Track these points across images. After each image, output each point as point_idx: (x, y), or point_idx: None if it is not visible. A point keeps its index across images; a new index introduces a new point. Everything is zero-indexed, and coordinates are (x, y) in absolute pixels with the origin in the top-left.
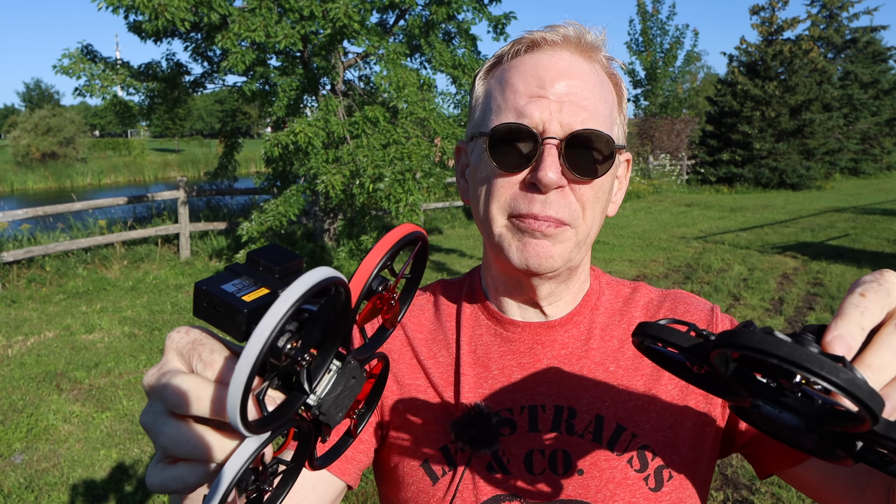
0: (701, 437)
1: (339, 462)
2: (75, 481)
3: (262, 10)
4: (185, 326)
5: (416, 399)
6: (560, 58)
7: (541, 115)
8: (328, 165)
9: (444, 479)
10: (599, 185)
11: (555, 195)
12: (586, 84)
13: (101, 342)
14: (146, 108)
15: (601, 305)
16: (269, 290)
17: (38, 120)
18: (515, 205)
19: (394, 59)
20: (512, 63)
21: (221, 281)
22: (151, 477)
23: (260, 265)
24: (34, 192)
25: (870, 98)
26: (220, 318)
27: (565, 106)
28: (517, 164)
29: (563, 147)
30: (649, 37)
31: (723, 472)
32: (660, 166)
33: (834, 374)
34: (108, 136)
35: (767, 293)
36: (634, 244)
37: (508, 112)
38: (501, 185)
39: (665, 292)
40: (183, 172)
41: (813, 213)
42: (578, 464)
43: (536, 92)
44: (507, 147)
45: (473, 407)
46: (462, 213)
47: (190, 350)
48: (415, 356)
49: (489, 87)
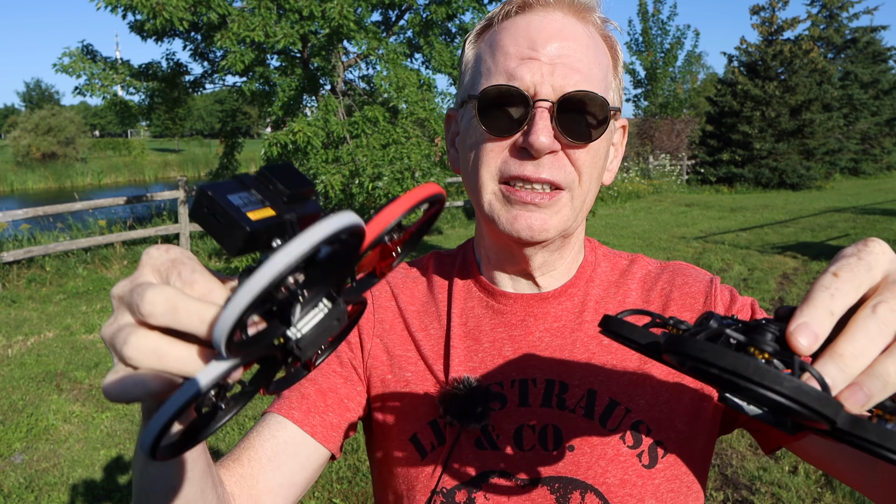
0: (698, 412)
1: (324, 430)
2: (75, 481)
3: (262, 10)
4: (163, 244)
5: (405, 371)
6: (552, 18)
7: (532, 78)
8: (327, 165)
9: (432, 454)
10: (595, 149)
11: (548, 158)
12: (579, 45)
13: (100, 342)
14: (146, 107)
15: (596, 277)
16: (275, 213)
17: (38, 120)
18: (506, 168)
19: (394, 59)
20: (503, 25)
21: (228, 189)
22: (110, 385)
23: (271, 183)
24: (34, 192)
25: (870, 98)
26: (218, 227)
27: (557, 68)
28: (508, 128)
29: (555, 110)
30: (650, 37)
31: (723, 472)
32: (660, 166)
33: (777, 383)
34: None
35: (767, 293)
36: (634, 244)
37: (499, 75)
38: (491, 149)
39: (664, 264)
40: (183, 172)
41: (813, 213)
42: (569, 439)
43: (527, 54)
44: (497, 111)
45: (463, 380)
46: (462, 213)
47: (169, 268)
48: (406, 328)
49: (479, 51)
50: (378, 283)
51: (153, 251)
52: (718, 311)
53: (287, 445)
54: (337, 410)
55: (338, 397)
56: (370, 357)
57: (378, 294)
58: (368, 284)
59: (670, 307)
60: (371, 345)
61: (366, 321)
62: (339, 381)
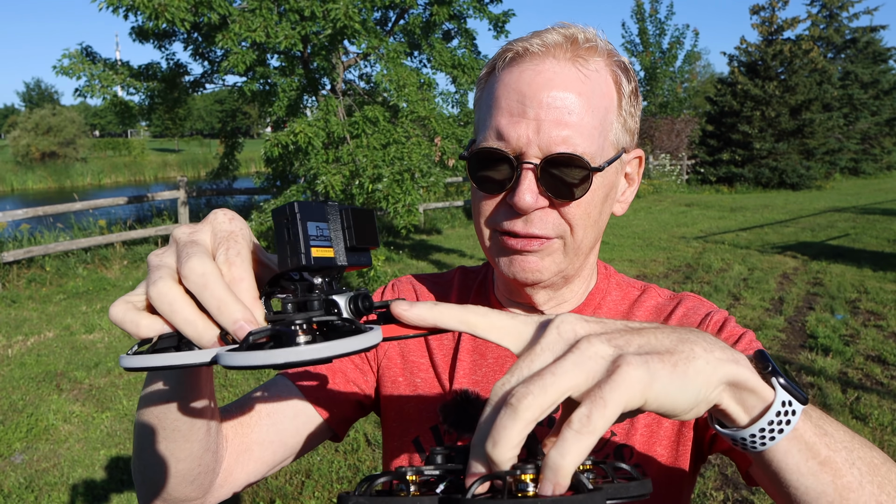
0: (678, 438)
1: (326, 403)
2: (75, 481)
3: (263, 11)
4: (231, 212)
5: (416, 377)
6: (543, 68)
7: (518, 139)
8: (328, 165)
9: None
10: (587, 201)
11: (537, 214)
12: (570, 94)
13: (101, 342)
14: (146, 107)
15: (605, 305)
16: (332, 255)
17: (38, 120)
18: (498, 221)
19: (394, 57)
20: (500, 75)
21: (312, 215)
22: (117, 307)
23: (346, 227)
24: (34, 192)
25: (870, 98)
26: (284, 241)
27: (544, 125)
28: (495, 187)
29: (538, 171)
30: (647, 37)
31: (723, 472)
32: (660, 166)
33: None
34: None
35: (767, 293)
36: (634, 244)
37: (490, 131)
38: (485, 203)
39: (675, 296)
40: (183, 172)
41: (813, 212)
42: None
43: (516, 110)
44: (486, 170)
45: (462, 392)
46: (462, 213)
47: (223, 238)
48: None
49: (480, 98)
50: (407, 288)
51: (220, 214)
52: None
53: (287, 406)
54: (342, 388)
55: (345, 378)
56: (385, 357)
57: (405, 298)
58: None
59: None
60: (388, 344)
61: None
62: (349, 366)
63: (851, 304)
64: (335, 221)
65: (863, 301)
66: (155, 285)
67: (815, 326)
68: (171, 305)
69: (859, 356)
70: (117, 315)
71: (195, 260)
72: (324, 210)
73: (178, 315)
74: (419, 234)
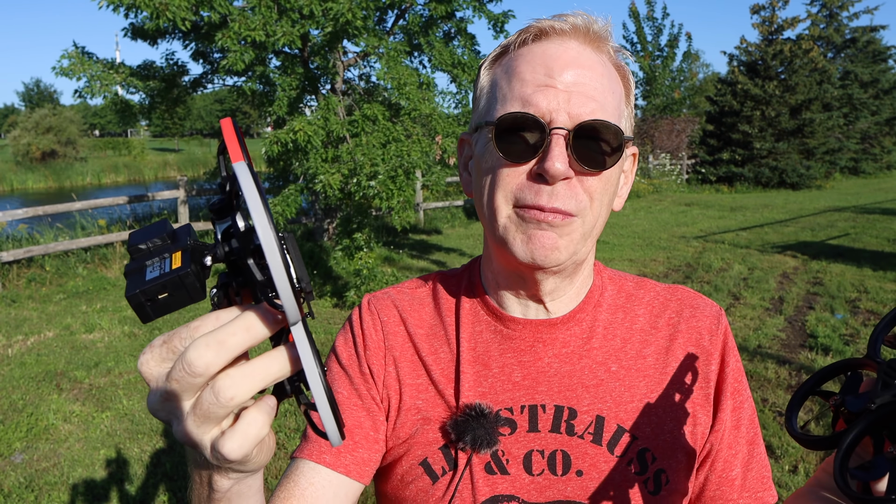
0: (695, 444)
1: (357, 467)
2: (75, 481)
3: (262, 9)
4: (144, 350)
5: (417, 399)
6: (568, 47)
7: (548, 105)
8: (326, 165)
9: (443, 478)
10: (607, 177)
11: (562, 186)
12: (595, 74)
13: (101, 342)
14: (146, 107)
15: (604, 302)
16: (179, 252)
17: (38, 119)
18: (521, 195)
19: (394, 56)
20: (519, 52)
21: (140, 278)
22: (232, 443)
23: (149, 248)
24: (34, 192)
25: (870, 98)
26: (172, 299)
27: (573, 96)
28: (523, 154)
29: (570, 138)
30: (644, 38)
31: None
32: (660, 166)
33: None
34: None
35: (767, 293)
36: (634, 243)
37: (514, 101)
38: (507, 174)
39: (670, 289)
40: (183, 172)
41: (813, 212)
42: (578, 465)
43: (544, 81)
44: (513, 137)
45: (474, 406)
46: (462, 212)
47: (169, 347)
48: (416, 352)
49: (495, 77)
50: (386, 305)
51: (143, 357)
52: (717, 348)
53: (325, 489)
54: (365, 445)
55: (364, 432)
56: (384, 387)
57: (387, 319)
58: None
59: (677, 339)
60: (384, 374)
61: (376, 348)
62: (362, 414)
63: (851, 304)
64: (141, 259)
65: (863, 300)
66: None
67: (815, 326)
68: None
69: (859, 356)
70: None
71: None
72: (132, 273)
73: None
74: (419, 234)
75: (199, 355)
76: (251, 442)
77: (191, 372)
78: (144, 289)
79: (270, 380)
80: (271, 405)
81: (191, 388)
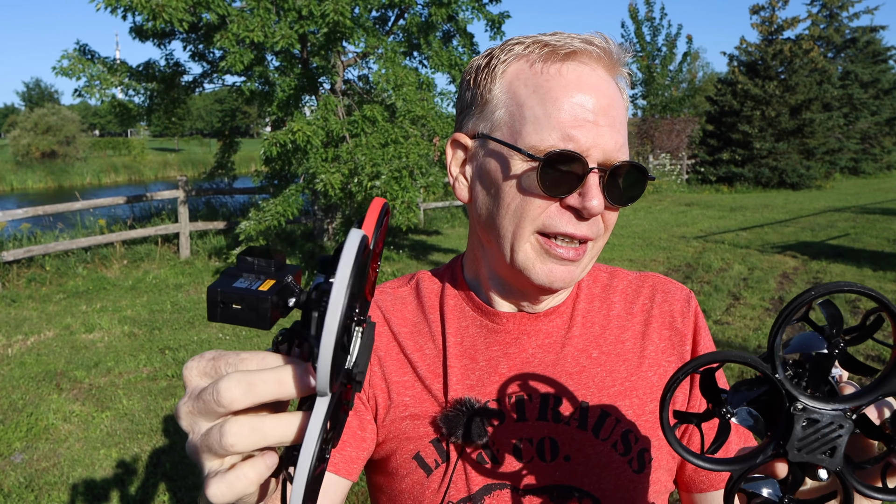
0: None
1: (346, 465)
2: (75, 481)
3: (260, 11)
4: (195, 356)
5: (404, 396)
6: (599, 75)
7: (586, 141)
8: (327, 164)
9: (437, 470)
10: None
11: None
12: (616, 105)
13: (100, 341)
14: (145, 108)
15: (581, 292)
16: (274, 281)
17: (37, 119)
18: (550, 223)
19: (392, 57)
20: (548, 69)
21: (229, 282)
22: (217, 489)
23: (254, 264)
24: (34, 192)
25: (870, 98)
26: (242, 313)
27: (603, 130)
28: (562, 189)
29: (606, 177)
30: (643, 38)
31: None
32: (660, 166)
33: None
34: (108, 135)
35: (767, 293)
36: (634, 243)
37: (552, 131)
38: (540, 204)
39: (642, 276)
40: (183, 172)
41: (813, 212)
42: (565, 450)
43: (582, 114)
44: (554, 172)
45: (463, 401)
46: (462, 212)
47: (214, 365)
48: (401, 350)
49: (516, 90)
50: (370, 309)
51: (191, 363)
52: (689, 329)
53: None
54: (353, 444)
55: (351, 431)
56: (370, 387)
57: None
58: (366, 306)
59: (652, 323)
60: (370, 374)
61: None
62: (351, 419)
63: (851, 304)
64: (244, 270)
65: (863, 301)
66: (225, 436)
67: None
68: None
69: (859, 356)
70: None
71: (222, 383)
72: (229, 275)
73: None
74: (419, 234)
75: (229, 388)
76: (234, 494)
77: (216, 400)
78: (226, 291)
79: (273, 440)
80: (269, 464)
81: (212, 414)
